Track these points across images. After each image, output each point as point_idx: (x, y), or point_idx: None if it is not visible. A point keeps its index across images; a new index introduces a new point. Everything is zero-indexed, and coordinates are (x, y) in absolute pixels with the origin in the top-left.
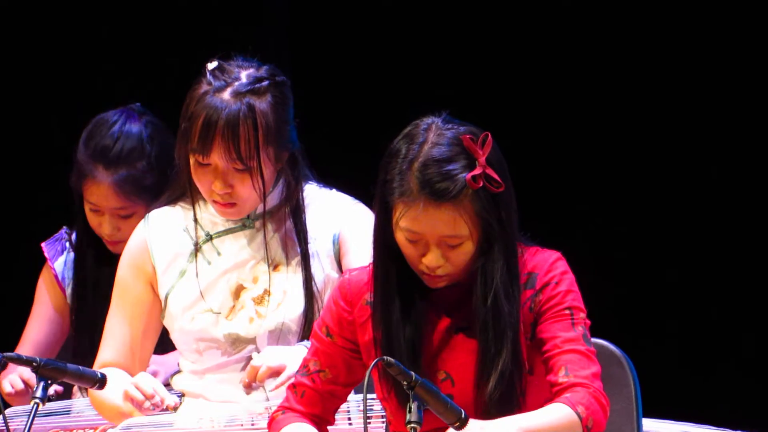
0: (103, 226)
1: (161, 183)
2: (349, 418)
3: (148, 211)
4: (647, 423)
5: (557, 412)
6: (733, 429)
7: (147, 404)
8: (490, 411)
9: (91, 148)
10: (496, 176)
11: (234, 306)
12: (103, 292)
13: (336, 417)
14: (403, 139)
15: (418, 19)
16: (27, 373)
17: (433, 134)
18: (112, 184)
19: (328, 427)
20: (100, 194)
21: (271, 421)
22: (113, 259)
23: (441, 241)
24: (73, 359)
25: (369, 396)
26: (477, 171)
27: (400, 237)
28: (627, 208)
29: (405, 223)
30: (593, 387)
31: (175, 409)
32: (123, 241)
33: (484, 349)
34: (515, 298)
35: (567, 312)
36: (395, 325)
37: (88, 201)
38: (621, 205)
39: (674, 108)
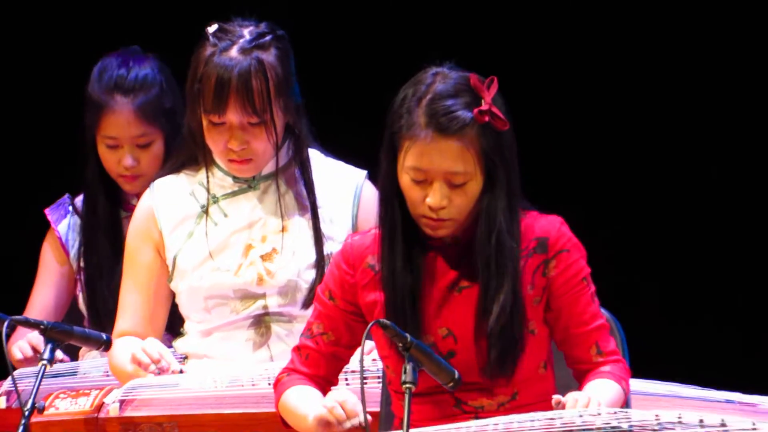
0: (121, 161)
1: (176, 110)
2: (347, 379)
3: (153, 180)
4: (635, 383)
5: (612, 387)
6: (716, 389)
7: (152, 368)
8: (492, 342)
9: (105, 81)
10: (500, 114)
11: (242, 264)
12: (109, 241)
13: None
14: (409, 84)
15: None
16: (35, 338)
17: (441, 76)
18: (132, 110)
19: None
20: (119, 123)
21: (277, 383)
22: (121, 205)
23: (446, 177)
24: (84, 318)
25: (375, 357)
26: (484, 107)
27: (406, 179)
28: (608, 177)
29: (411, 159)
30: (622, 360)
31: (181, 372)
32: (141, 176)
33: (487, 283)
34: (515, 237)
35: (584, 282)
36: (396, 272)
37: (106, 136)
38: (604, 175)
39: (652, 98)
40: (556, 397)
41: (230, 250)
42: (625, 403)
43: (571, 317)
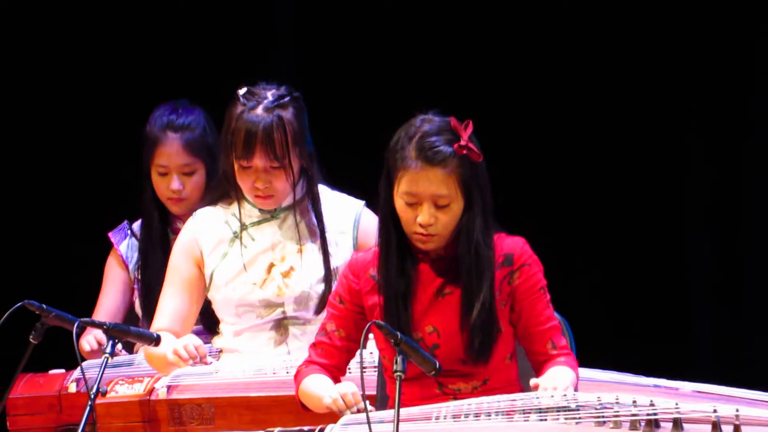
0: (170, 185)
1: (215, 148)
2: (349, 368)
3: (195, 211)
4: (581, 371)
5: (568, 373)
6: (646, 376)
7: (191, 361)
8: (474, 334)
9: (160, 122)
10: (475, 149)
11: (266, 279)
12: (161, 255)
13: None
14: (403, 127)
15: (409, 37)
16: (99, 335)
17: (427, 121)
18: (180, 144)
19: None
20: (170, 154)
21: (297, 373)
22: (170, 225)
23: (433, 199)
24: (139, 318)
25: (372, 350)
26: (462, 142)
27: (400, 203)
28: (545, 193)
29: (404, 186)
30: (572, 353)
31: (209, 363)
32: (185, 199)
33: (468, 286)
34: (490, 248)
35: (541, 291)
36: (391, 279)
37: (158, 165)
38: (542, 191)
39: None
40: (533, 382)
41: (257, 267)
42: (577, 382)
43: (530, 318)
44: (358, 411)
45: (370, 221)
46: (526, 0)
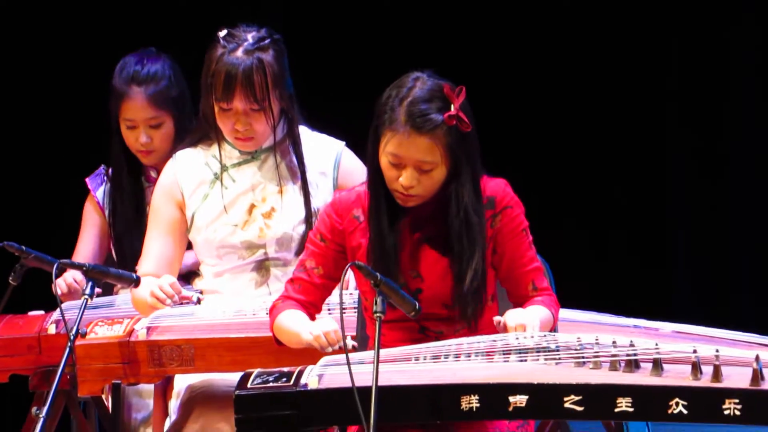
0: (138, 139)
1: (181, 98)
2: (329, 309)
3: (168, 151)
4: (562, 312)
5: (544, 310)
6: (626, 316)
7: (168, 302)
8: (467, 300)
9: (124, 75)
10: (466, 119)
11: (248, 220)
12: (131, 203)
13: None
14: (394, 85)
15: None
16: (71, 277)
17: (420, 82)
18: (145, 98)
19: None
20: (135, 108)
21: (272, 308)
22: (141, 174)
23: (417, 165)
24: (116, 263)
25: (351, 291)
26: (452, 112)
27: (384, 161)
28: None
29: (390, 147)
30: (553, 294)
31: (198, 302)
32: (154, 151)
33: (460, 254)
34: (481, 214)
35: (524, 233)
36: (383, 231)
37: (125, 119)
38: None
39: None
40: (496, 319)
41: (238, 208)
42: (554, 328)
43: (512, 260)
44: (340, 349)
45: (351, 162)
46: None
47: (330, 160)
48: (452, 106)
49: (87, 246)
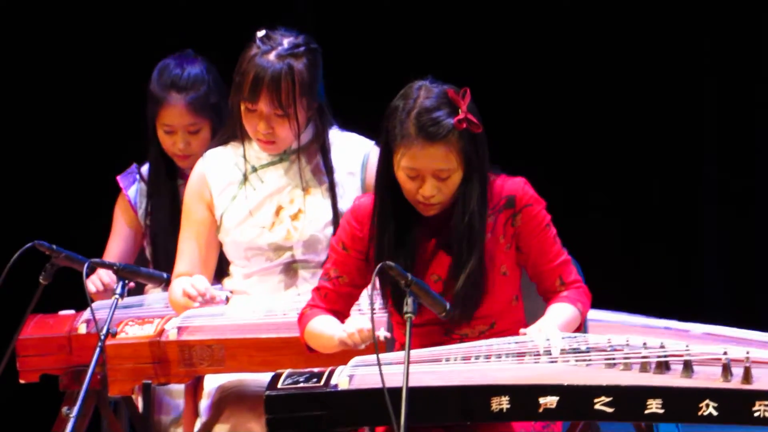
0: (176, 144)
1: (220, 104)
2: (360, 308)
3: (204, 152)
4: (592, 313)
5: (566, 309)
6: (657, 317)
7: (200, 299)
8: (457, 303)
9: (163, 80)
10: (475, 120)
11: (274, 222)
12: (168, 205)
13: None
14: (400, 97)
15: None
16: (105, 276)
17: (424, 91)
18: (184, 105)
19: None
20: (174, 114)
21: (301, 316)
22: (177, 176)
23: (435, 173)
24: (148, 262)
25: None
26: (461, 116)
27: (401, 175)
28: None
29: (406, 161)
30: (583, 286)
31: (227, 300)
32: (192, 155)
33: (457, 255)
34: (484, 219)
35: (547, 228)
36: (384, 247)
37: (163, 124)
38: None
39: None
40: (521, 331)
41: (265, 210)
42: (584, 318)
43: (538, 257)
44: (370, 347)
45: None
46: None
47: (358, 161)
48: (460, 109)
49: (118, 245)
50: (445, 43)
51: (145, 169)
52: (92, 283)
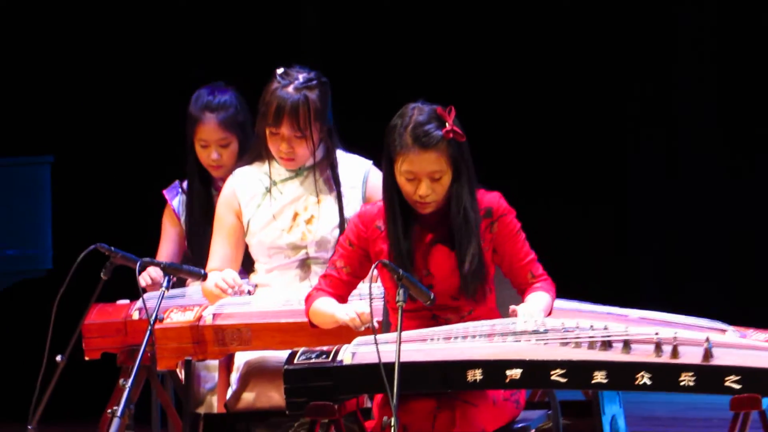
0: (210, 156)
1: (246, 123)
2: (360, 296)
3: (234, 167)
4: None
5: (543, 297)
6: (602, 304)
7: (230, 291)
8: (468, 280)
9: (199, 103)
10: (459, 131)
11: (292, 226)
12: (204, 209)
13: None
14: (397, 116)
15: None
16: (153, 273)
17: (417, 110)
18: (216, 122)
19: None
20: (208, 131)
21: (308, 297)
22: (211, 185)
23: (429, 175)
24: (187, 261)
25: (379, 285)
26: (448, 128)
27: (401, 179)
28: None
29: (405, 166)
30: (548, 278)
31: (250, 293)
32: (223, 166)
33: (460, 242)
34: (476, 211)
35: (518, 233)
36: (399, 239)
37: (200, 139)
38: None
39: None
40: (512, 308)
41: (284, 216)
42: (553, 302)
43: (512, 257)
44: (367, 330)
45: (376, 179)
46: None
47: (359, 177)
48: (447, 123)
49: (167, 248)
50: (430, 79)
51: (185, 184)
52: (143, 279)
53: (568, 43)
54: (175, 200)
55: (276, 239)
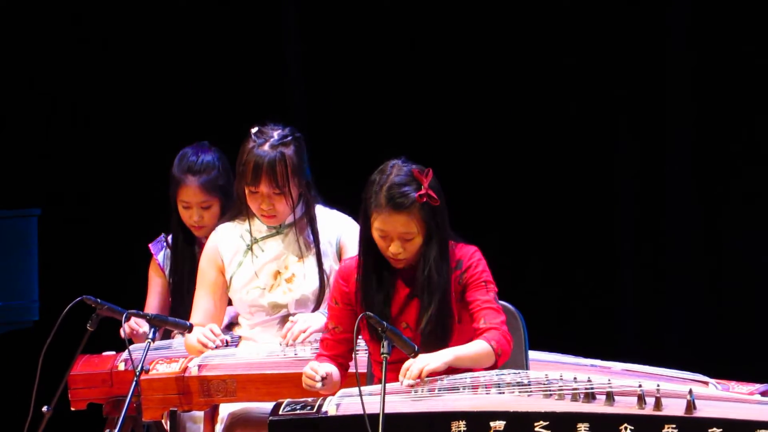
0: (192, 217)
1: (228, 185)
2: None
3: (216, 226)
4: (533, 354)
5: (478, 345)
6: (585, 357)
7: (211, 344)
8: (425, 343)
9: (182, 165)
10: (434, 195)
11: (273, 284)
12: (187, 265)
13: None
14: (377, 172)
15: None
16: (133, 323)
17: (396, 169)
18: (198, 185)
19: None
20: (190, 193)
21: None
22: (194, 243)
23: (400, 236)
24: (171, 313)
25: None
26: (422, 191)
27: (375, 234)
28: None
29: (378, 224)
30: (501, 329)
31: (228, 344)
32: (205, 227)
33: (421, 303)
34: (444, 273)
35: (483, 284)
36: (371, 291)
37: (182, 201)
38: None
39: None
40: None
41: (265, 274)
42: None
43: (470, 303)
44: (322, 385)
45: (349, 239)
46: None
47: (333, 238)
48: (423, 185)
49: (154, 300)
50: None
51: (170, 238)
52: (126, 326)
53: (555, 94)
54: (160, 254)
55: (257, 298)
